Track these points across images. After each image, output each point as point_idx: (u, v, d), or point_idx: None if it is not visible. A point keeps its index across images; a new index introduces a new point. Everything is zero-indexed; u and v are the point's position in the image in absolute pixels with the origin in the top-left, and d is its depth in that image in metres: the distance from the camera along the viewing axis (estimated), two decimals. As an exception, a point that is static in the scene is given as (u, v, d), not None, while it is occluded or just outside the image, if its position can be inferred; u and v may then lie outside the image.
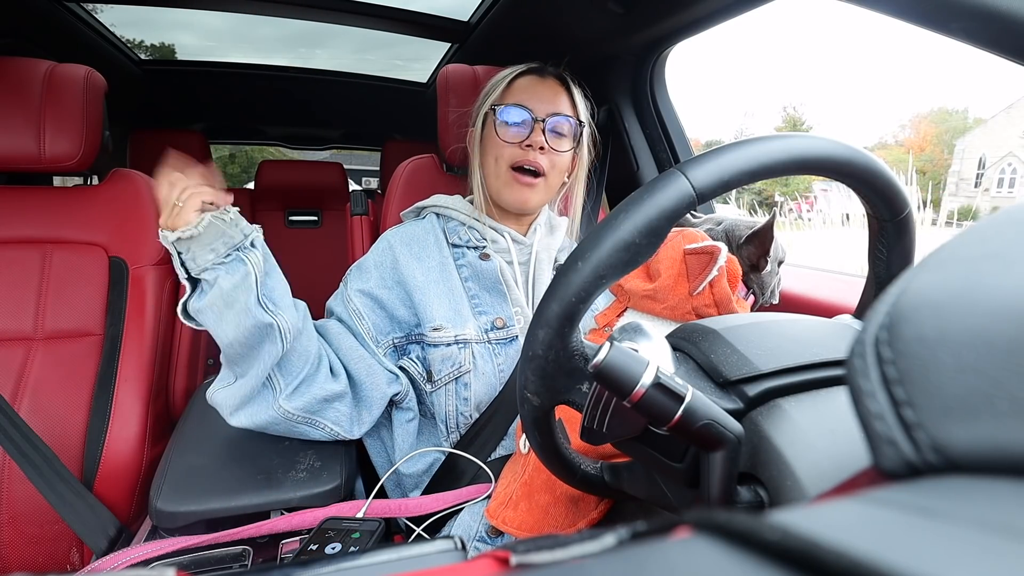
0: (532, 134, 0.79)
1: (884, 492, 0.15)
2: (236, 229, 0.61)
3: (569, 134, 0.82)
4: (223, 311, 0.60)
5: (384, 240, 0.83)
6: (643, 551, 0.14)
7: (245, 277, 0.60)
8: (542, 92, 0.81)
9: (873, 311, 0.20)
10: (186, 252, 0.59)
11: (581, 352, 0.40)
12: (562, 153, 0.81)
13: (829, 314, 0.50)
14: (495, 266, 0.81)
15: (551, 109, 0.80)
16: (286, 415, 0.67)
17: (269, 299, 0.63)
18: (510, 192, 0.81)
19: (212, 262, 0.59)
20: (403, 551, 0.26)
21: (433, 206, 0.87)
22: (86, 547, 0.81)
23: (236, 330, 0.61)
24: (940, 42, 49.19)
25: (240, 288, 0.60)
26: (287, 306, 0.65)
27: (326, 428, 0.71)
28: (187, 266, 0.60)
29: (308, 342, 0.68)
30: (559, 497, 0.61)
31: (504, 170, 0.80)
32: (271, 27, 1.65)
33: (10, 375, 0.83)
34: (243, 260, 0.61)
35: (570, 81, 0.83)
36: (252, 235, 0.63)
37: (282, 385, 0.67)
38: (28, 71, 0.89)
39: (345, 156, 6.80)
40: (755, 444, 0.36)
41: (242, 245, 0.61)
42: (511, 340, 0.80)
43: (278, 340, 0.63)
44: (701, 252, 0.67)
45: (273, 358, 0.64)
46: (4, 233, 0.90)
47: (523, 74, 0.83)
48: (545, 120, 0.79)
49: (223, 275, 0.59)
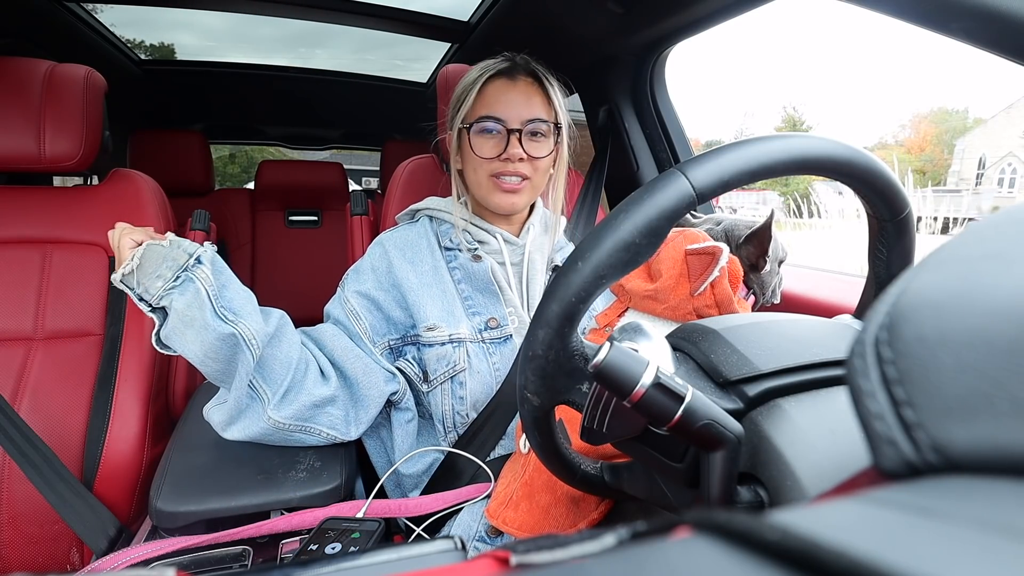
0: (509, 147, 0.76)
1: (884, 492, 0.15)
2: (179, 251, 0.63)
3: (548, 135, 0.79)
4: (184, 331, 0.62)
5: (379, 245, 0.83)
6: (643, 551, 0.14)
7: (196, 294, 0.62)
8: (514, 98, 0.77)
9: (873, 311, 0.20)
10: (137, 286, 0.61)
11: (581, 352, 0.40)
12: (543, 158, 0.79)
13: (829, 314, 0.50)
14: (486, 267, 0.81)
15: (526, 115, 0.76)
16: (277, 425, 0.68)
17: (228, 309, 0.64)
18: (495, 198, 0.79)
19: (163, 288, 0.61)
20: (403, 551, 0.26)
21: (426, 209, 0.87)
22: (86, 547, 0.81)
23: (201, 346, 0.62)
24: (940, 42, 49.24)
25: (193, 305, 0.61)
26: (249, 313, 0.65)
27: (322, 433, 0.71)
28: (144, 298, 0.62)
29: (289, 348, 0.69)
30: (560, 498, 0.61)
31: (485, 179, 0.78)
32: (271, 27, 1.65)
33: (10, 375, 0.83)
34: (191, 278, 0.62)
35: (542, 75, 0.79)
36: (197, 252, 0.64)
37: (269, 394, 0.67)
38: (28, 71, 0.89)
39: (345, 156, 6.80)
40: (755, 444, 0.36)
41: (188, 265, 0.62)
42: (505, 339, 0.80)
43: (245, 348, 0.63)
44: (703, 253, 0.67)
45: (247, 367, 0.64)
46: (4, 233, 0.90)
47: (492, 78, 0.78)
48: (520, 130, 0.76)
49: (176, 297, 0.61)
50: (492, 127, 0.77)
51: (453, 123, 0.82)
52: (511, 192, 0.78)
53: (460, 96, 0.81)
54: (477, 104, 0.78)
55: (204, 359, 0.63)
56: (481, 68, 0.80)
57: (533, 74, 0.79)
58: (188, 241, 0.65)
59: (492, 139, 0.77)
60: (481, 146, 0.77)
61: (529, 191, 0.80)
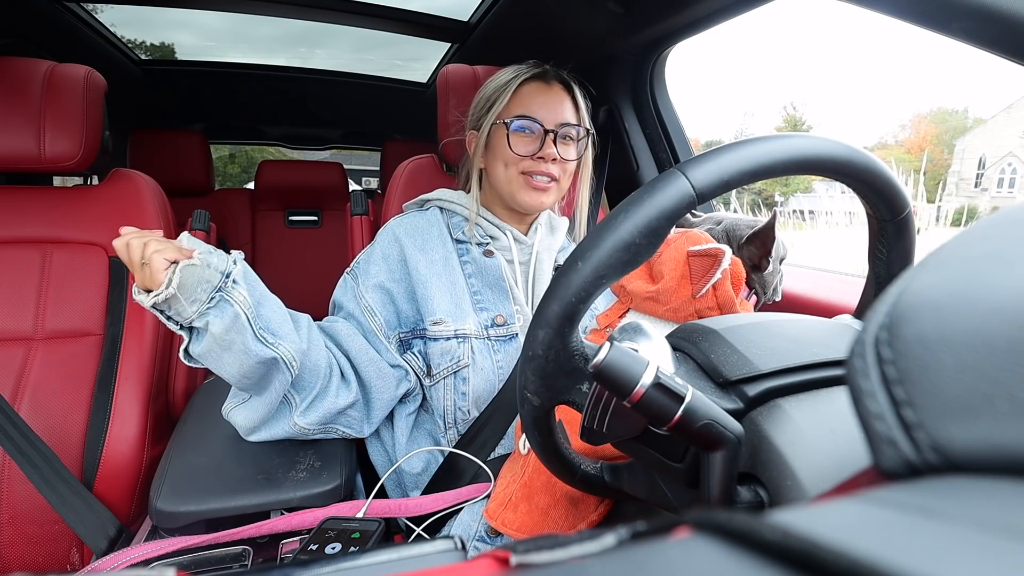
0: (544, 146, 0.78)
1: (884, 492, 0.15)
2: (211, 270, 0.58)
3: (576, 140, 0.82)
4: (221, 354, 0.59)
5: (389, 231, 0.83)
6: (643, 551, 0.14)
7: (235, 319, 0.58)
8: (549, 101, 0.80)
9: (873, 311, 0.20)
10: (168, 309, 0.57)
11: (581, 352, 0.40)
12: (572, 161, 0.82)
13: (829, 314, 0.50)
14: (498, 263, 0.82)
15: (559, 119, 0.79)
16: (302, 431, 0.70)
17: (267, 330, 0.62)
18: (525, 195, 0.80)
19: (196, 312, 0.57)
20: (403, 551, 0.26)
21: (437, 200, 0.88)
22: (86, 547, 0.81)
23: (239, 368, 0.61)
24: (940, 42, 49.26)
25: (233, 330, 0.58)
26: (287, 333, 0.64)
27: (338, 432, 0.73)
28: (174, 319, 0.58)
29: (317, 356, 0.68)
30: (559, 499, 0.61)
31: (516, 175, 0.80)
32: (271, 27, 1.65)
33: (10, 375, 0.83)
34: (229, 301, 0.58)
35: (573, 85, 0.83)
36: (230, 270, 0.60)
37: (297, 401, 0.68)
38: (28, 71, 0.89)
39: (345, 156, 6.79)
40: (755, 444, 0.36)
41: (223, 285, 0.59)
42: (511, 338, 0.80)
43: (285, 370, 0.64)
44: (705, 254, 0.67)
45: (283, 384, 0.65)
46: (4, 233, 0.90)
47: (527, 80, 0.81)
48: (556, 131, 0.78)
49: (212, 320, 0.57)
50: (530, 126, 0.79)
51: (481, 121, 0.83)
52: (541, 191, 0.80)
53: (492, 95, 0.82)
54: (513, 103, 0.80)
55: (240, 379, 0.62)
56: (514, 71, 0.82)
57: (564, 81, 0.83)
58: (217, 256, 0.59)
59: (528, 138, 0.79)
60: (517, 143, 0.79)
61: (555, 192, 0.82)
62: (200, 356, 0.60)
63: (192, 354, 0.61)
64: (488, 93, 0.83)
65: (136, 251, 0.56)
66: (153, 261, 0.55)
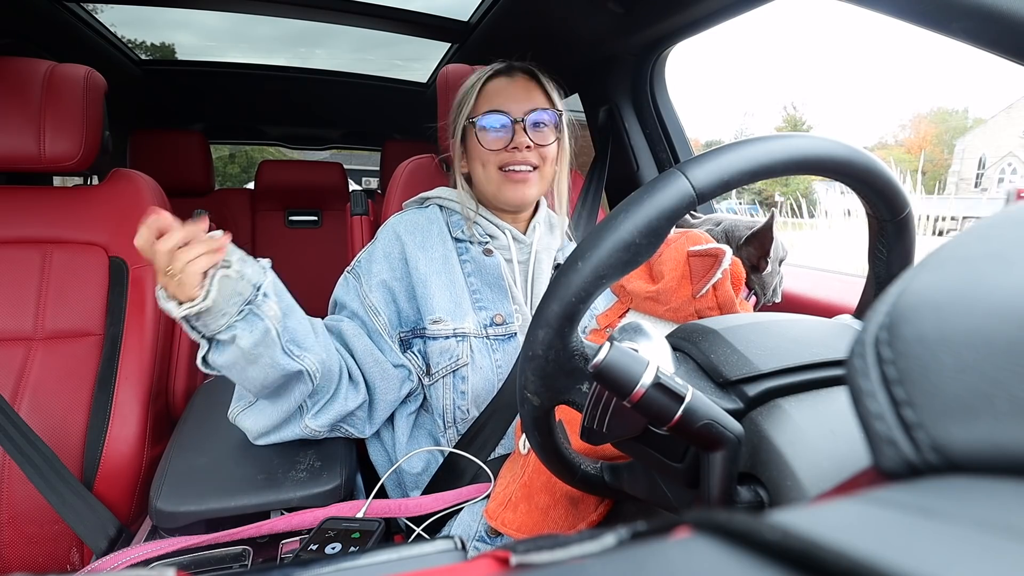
0: (515, 136, 0.79)
1: (884, 492, 0.15)
2: (244, 282, 0.55)
3: (550, 124, 0.82)
4: (246, 367, 0.58)
5: (390, 228, 0.83)
6: (643, 551, 0.14)
7: (265, 334, 0.56)
8: (514, 92, 0.81)
9: (873, 311, 0.20)
10: (195, 320, 0.54)
11: (581, 352, 0.40)
12: (548, 146, 0.82)
13: (829, 314, 0.50)
14: (498, 262, 0.82)
15: (527, 107, 0.80)
16: (313, 433, 0.70)
17: (293, 343, 0.61)
18: (507, 191, 0.81)
19: (226, 324, 0.55)
20: (403, 551, 0.26)
21: (437, 198, 0.88)
22: (86, 547, 0.81)
23: (264, 380, 0.60)
24: (940, 42, 49.23)
25: (261, 344, 0.56)
26: (311, 344, 0.63)
27: (343, 431, 0.74)
28: (198, 330, 0.55)
29: (330, 361, 0.68)
30: (559, 499, 0.61)
31: (494, 173, 0.80)
32: (271, 27, 1.65)
33: (10, 375, 0.83)
34: (259, 316, 0.56)
35: (538, 73, 0.83)
36: (261, 282, 0.57)
37: (310, 404, 0.69)
38: (28, 71, 0.89)
39: (345, 156, 6.79)
40: (755, 444, 0.36)
41: (253, 297, 0.56)
42: (509, 337, 0.80)
43: (308, 380, 0.64)
44: (705, 254, 0.67)
45: (303, 394, 0.65)
46: (4, 233, 0.90)
47: (491, 78, 0.82)
48: (524, 120, 0.79)
49: (241, 333, 0.55)
50: (497, 119, 0.79)
51: (456, 127, 0.84)
52: (521, 182, 0.80)
53: (461, 100, 0.84)
54: (480, 102, 0.81)
55: (260, 389, 0.62)
56: (478, 73, 0.84)
57: (529, 71, 0.83)
58: (251, 266, 0.57)
59: (498, 131, 0.80)
60: (488, 139, 0.80)
61: (538, 182, 0.82)
62: (222, 367, 0.58)
63: (213, 364, 0.58)
64: (458, 99, 0.85)
65: (163, 259, 0.51)
66: (187, 274, 0.51)
